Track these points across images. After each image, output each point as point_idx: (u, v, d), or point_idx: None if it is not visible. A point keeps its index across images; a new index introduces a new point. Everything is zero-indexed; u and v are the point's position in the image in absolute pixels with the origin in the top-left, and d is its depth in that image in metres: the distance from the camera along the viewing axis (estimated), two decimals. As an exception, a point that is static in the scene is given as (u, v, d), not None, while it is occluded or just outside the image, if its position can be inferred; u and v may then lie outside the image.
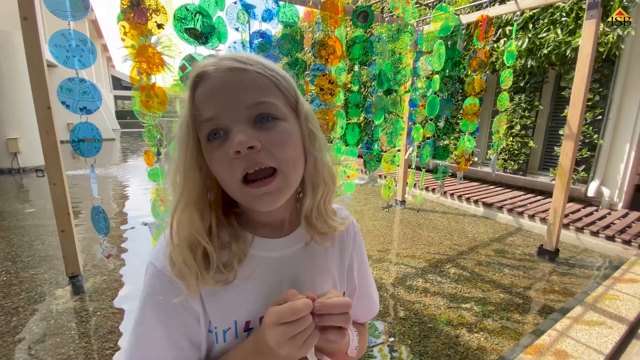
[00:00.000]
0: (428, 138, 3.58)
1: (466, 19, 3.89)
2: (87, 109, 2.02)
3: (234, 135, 0.44)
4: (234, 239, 0.51)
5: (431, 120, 3.44)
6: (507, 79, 3.35)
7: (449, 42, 3.21)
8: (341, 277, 0.63)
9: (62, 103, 1.96)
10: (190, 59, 2.16)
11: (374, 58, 3.07)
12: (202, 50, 2.22)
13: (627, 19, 4.06)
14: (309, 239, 0.57)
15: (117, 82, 30.85)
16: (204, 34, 2.12)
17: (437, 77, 3.32)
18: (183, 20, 2.06)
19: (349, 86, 7.12)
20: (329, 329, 0.45)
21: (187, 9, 2.04)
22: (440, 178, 3.73)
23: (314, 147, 0.53)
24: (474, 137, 3.59)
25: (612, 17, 4.12)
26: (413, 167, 3.75)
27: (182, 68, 2.15)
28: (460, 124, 3.51)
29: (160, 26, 1.95)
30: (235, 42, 2.37)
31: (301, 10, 3.21)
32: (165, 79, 2.16)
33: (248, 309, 0.52)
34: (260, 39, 2.41)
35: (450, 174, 3.80)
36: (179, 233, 0.48)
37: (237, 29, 2.29)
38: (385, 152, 3.43)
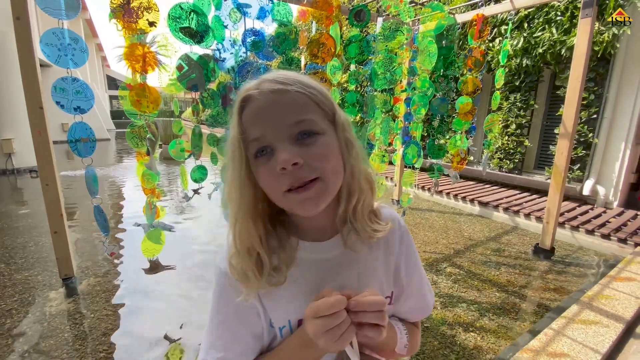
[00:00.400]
0: (422, 137, 3.56)
1: (461, 18, 3.89)
2: (81, 109, 2.00)
3: (279, 154, 0.49)
4: (282, 244, 0.58)
5: (427, 120, 3.43)
6: (500, 78, 3.35)
7: (443, 42, 3.20)
8: (387, 278, 0.65)
9: (56, 103, 1.93)
10: (187, 58, 2.14)
11: (370, 57, 3.06)
12: (198, 49, 2.20)
13: (627, 19, 4.06)
14: (353, 244, 0.61)
15: (112, 82, 30.65)
16: (199, 33, 2.10)
17: (425, 75, 3.31)
18: (178, 19, 2.04)
19: (345, 85, 7.11)
20: (365, 326, 0.48)
21: (182, 8, 2.02)
22: (435, 176, 3.73)
23: (350, 156, 0.56)
24: (470, 136, 3.59)
25: (612, 17, 4.13)
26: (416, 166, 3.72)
27: (179, 68, 2.13)
28: (452, 122, 3.50)
29: (152, 24, 1.93)
30: (224, 40, 2.35)
31: (295, 9, 3.20)
32: (161, 79, 2.14)
33: (299, 308, 0.56)
34: (254, 37, 2.38)
35: (445, 172, 3.79)
36: (238, 242, 0.55)
37: (225, 26, 2.26)
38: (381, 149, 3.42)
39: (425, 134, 4.08)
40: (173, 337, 2.19)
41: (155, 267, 2.30)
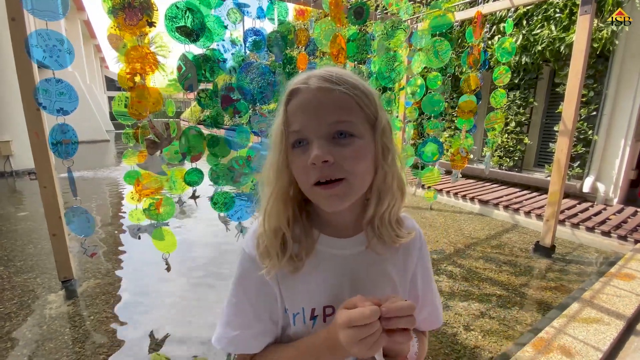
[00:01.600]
0: (429, 135, 3.55)
1: (459, 16, 3.88)
2: (64, 110, 1.98)
3: (313, 149, 0.51)
4: (304, 233, 0.60)
5: (434, 117, 3.42)
6: (502, 75, 3.34)
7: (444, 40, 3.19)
8: (402, 285, 0.67)
9: (39, 104, 1.92)
10: (184, 58, 2.12)
11: (369, 56, 3.05)
12: (194, 49, 2.18)
13: (627, 19, 4.06)
14: (375, 246, 0.63)
15: (111, 83, 30.59)
16: (194, 31, 2.09)
17: (434, 74, 3.31)
18: (174, 19, 2.03)
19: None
20: (396, 332, 0.49)
21: (177, 7, 2.01)
22: (419, 175, 3.73)
23: (385, 161, 0.58)
24: (471, 134, 3.58)
25: (612, 17, 4.12)
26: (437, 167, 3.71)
27: (179, 68, 2.13)
28: (456, 121, 3.50)
29: (151, 24, 1.91)
30: (223, 40, 2.34)
31: (292, 7, 3.18)
32: (155, 79, 2.12)
33: (313, 298, 0.60)
34: (254, 37, 2.37)
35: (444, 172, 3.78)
36: (268, 221, 0.58)
37: (226, 27, 2.25)
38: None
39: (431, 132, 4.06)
40: (157, 338, 2.19)
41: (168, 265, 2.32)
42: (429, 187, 3.94)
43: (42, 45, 1.85)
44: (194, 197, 2.54)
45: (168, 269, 2.38)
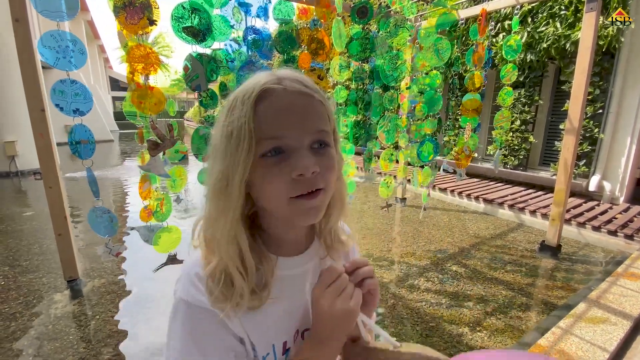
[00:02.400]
0: (431, 135, 3.53)
1: (464, 13, 3.85)
2: (80, 111, 1.99)
3: (301, 159, 0.46)
4: (262, 260, 0.53)
5: (433, 116, 3.40)
6: (509, 73, 3.31)
7: (446, 38, 3.17)
8: None
9: (55, 106, 1.93)
10: (191, 58, 2.12)
11: (372, 55, 3.03)
12: (199, 49, 2.18)
13: (626, 19, 4.03)
14: (323, 253, 0.61)
15: (115, 83, 30.74)
16: (201, 31, 2.09)
17: (434, 73, 3.28)
18: (180, 19, 2.02)
19: (347, 83, 7.07)
20: (364, 282, 0.53)
21: (184, 7, 2.00)
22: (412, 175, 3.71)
23: (340, 171, 0.56)
24: (476, 133, 3.55)
25: (612, 17, 4.09)
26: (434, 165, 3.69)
27: (185, 69, 2.12)
28: (460, 119, 3.47)
29: (152, 22, 1.91)
30: (232, 41, 2.34)
31: (295, 6, 3.17)
32: (157, 79, 2.13)
33: (282, 328, 0.55)
34: (254, 36, 2.37)
35: (449, 169, 3.76)
36: (222, 252, 0.49)
37: (232, 26, 2.25)
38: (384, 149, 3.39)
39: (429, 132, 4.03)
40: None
41: (170, 261, 2.32)
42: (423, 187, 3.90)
43: (54, 47, 1.86)
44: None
45: (177, 260, 2.38)
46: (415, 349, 0.50)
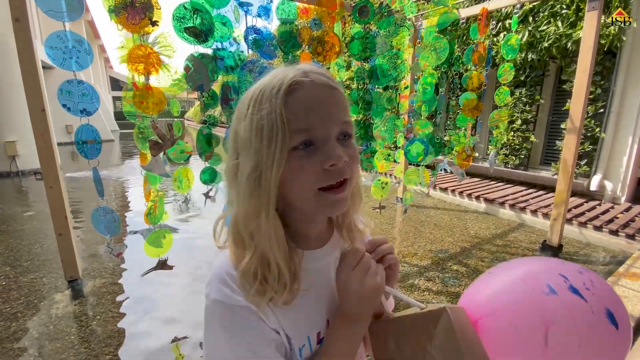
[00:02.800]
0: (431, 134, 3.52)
1: (465, 12, 3.84)
2: (87, 111, 1.99)
3: (332, 149, 0.47)
4: (291, 254, 0.53)
5: (430, 116, 3.40)
6: (506, 72, 3.30)
7: (446, 38, 3.16)
8: None
9: (63, 106, 1.93)
10: (193, 58, 2.11)
11: (373, 54, 3.02)
12: (201, 49, 2.17)
13: (627, 19, 4.03)
14: (343, 244, 0.63)
15: (116, 83, 30.74)
16: (203, 32, 2.08)
17: (429, 71, 3.27)
18: (182, 20, 2.02)
19: (347, 83, 7.07)
20: (384, 258, 0.55)
21: (185, 8, 2.00)
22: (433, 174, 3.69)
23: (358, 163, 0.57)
24: (477, 133, 3.54)
25: (613, 17, 4.09)
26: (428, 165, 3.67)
27: (187, 69, 2.11)
28: (457, 118, 3.46)
29: (154, 23, 1.91)
30: (229, 38, 2.32)
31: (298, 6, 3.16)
32: (159, 80, 2.12)
33: (315, 320, 0.57)
34: (255, 35, 2.36)
35: (449, 171, 3.75)
36: (260, 249, 0.50)
37: (224, 24, 2.24)
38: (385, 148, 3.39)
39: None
40: (178, 338, 2.19)
41: (160, 266, 2.30)
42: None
43: (61, 48, 1.85)
44: (207, 195, 2.53)
45: (167, 266, 2.37)
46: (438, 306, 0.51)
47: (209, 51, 2.21)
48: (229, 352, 0.49)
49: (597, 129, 4.76)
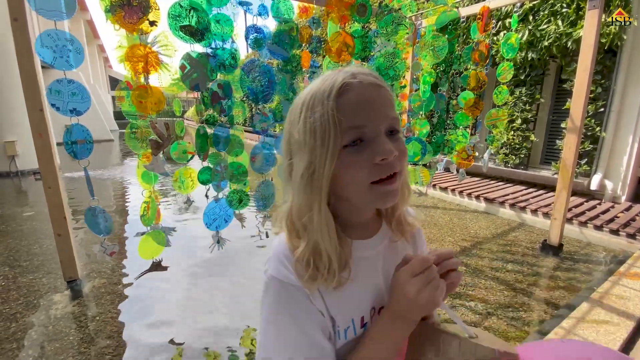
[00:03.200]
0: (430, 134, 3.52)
1: (465, 11, 3.82)
2: (77, 111, 1.97)
3: (382, 144, 0.50)
4: (341, 244, 0.57)
5: (431, 116, 3.39)
6: (505, 72, 3.29)
7: (447, 36, 3.15)
8: None
9: (52, 105, 1.91)
10: (189, 57, 2.10)
11: (372, 53, 3.01)
12: (198, 48, 2.16)
13: (626, 19, 4.02)
14: (392, 236, 0.65)
15: (115, 83, 30.64)
16: (199, 31, 2.07)
17: (427, 71, 3.27)
18: (177, 18, 2.00)
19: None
20: (448, 274, 0.53)
21: (181, 6, 1.98)
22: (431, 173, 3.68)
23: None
24: (477, 132, 3.53)
25: (612, 17, 4.08)
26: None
27: (182, 68, 2.10)
28: (455, 118, 3.45)
29: (152, 23, 1.89)
30: (228, 37, 2.31)
31: (295, 5, 3.15)
32: (160, 79, 2.11)
33: (360, 305, 0.59)
34: (256, 34, 2.35)
35: (452, 171, 3.74)
36: (312, 239, 0.54)
37: (218, 22, 2.22)
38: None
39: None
40: (177, 342, 2.18)
41: (154, 267, 2.29)
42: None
43: (51, 46, 1.84)
44: (207, 196, 2.53)
45: (161, 267, 2.36)
46: (488, 341, 0.51)
47: (207, 50, 2.20)
48: (275, 324, 0.54)
49: (598, 128, 4.75)
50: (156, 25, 1.95)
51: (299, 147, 0.54)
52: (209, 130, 2.35)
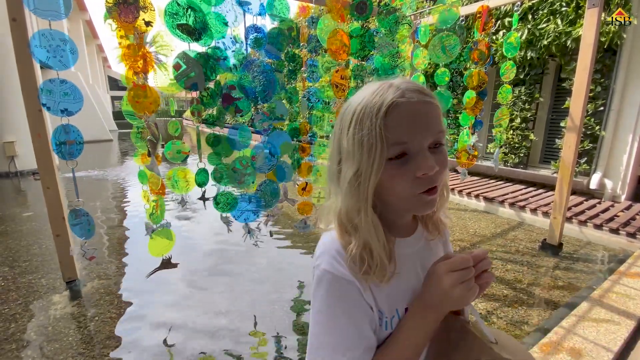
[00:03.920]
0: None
1: (465, 10, 3.82)
2: (68, 111, 1.96)
3: (424, 160, 0.54)
4: (387, 241, 0.61)
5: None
6: (508, 71, 3.28)
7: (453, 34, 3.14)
8: None
9: (43, 105, 1.90)
10: (184, 56, 2.09)
11: (372, 52, 3.01)
12: (196, 47, 2.15)
13: (626, 19, 4.02)
14: (427, 235, 0.70)
15: (114, 83, 30.68)
16: (196, 30, 2.06)
17: (441, 70, 3.26)
18: (175, 16, 1.99)
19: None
20: (481, 274, 0.55)
21: (179, 4, 1.98)
22: None
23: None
24: (477, 131, 3.53)
25: (612, 17, 4.08)
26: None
27: (177, 66, 2.09)
28: (460, 118, 3.45)
29: (148, 24, 1.89)
30: (224, 37, 2.31)
31: (295, 4, 3.14)
32: (156, 79, 2.10)
33: (404, 297, 0.63)
34: (256, 34, 2.34)
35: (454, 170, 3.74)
36: (362, 238, 0.58)
37: (226, 24, 2.22)
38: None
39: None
40: (169, 343, 2.18)
41: (164, 265, 2.29)
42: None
43: (45, 46, 1.83)
44: (203, 198, 2.51)
45: (171, 264, 2.35)
46: (508, 349, 0.53)
47: (204, 49, 2.19)
48: (326, 315, 0.58)
49: (597, 127, 4.75)
50: (152, 26, 1.94)
51: (347, 155, 0.58)
52: (205, 130, 2.35)
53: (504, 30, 5.52)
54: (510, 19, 5.40)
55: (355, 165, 0.57)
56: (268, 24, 2.47)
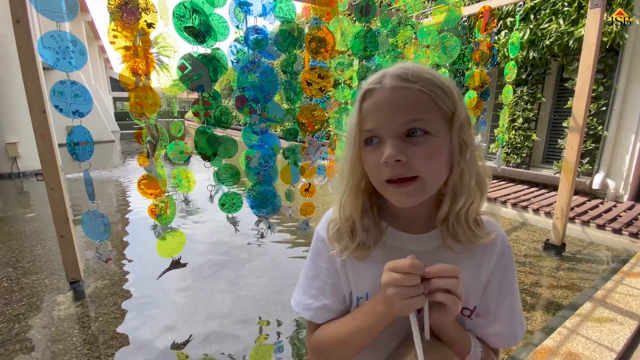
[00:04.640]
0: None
1: (467, 10, 3.81)
2: (80, 112, 1.98)
3: (386, 148, 0.53)
4: (373, 224, 0.64)
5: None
6: (510, 71, 3.28)
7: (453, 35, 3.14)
8: (474, 289, 0.64)
9: (55, 107, 1.91)
10: (190, 58, 2.10)
11: (374, 53, 3.01)
12: (200, 49, 2.16)
13: (627, 19, 4.01)
14: (448, 244, 0.61)
15: (116, 84, 30.72)
16: (201, 33, 2.07)
17: (443, 70, 3.26)
18: (182, 18, 2.00)
19: (348, 82, 7.03)
20: (437, 292, 0.50)
21: (185, 6, 1.98)
22: None
23: (462, 158, 0.57)
24: (479, 132, 3.53)
25: (613, 17, 4.07)
26: None
27: (182, 68, 2.09)
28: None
29: (150, 25, 1.89)
30: (236, 42, 2.32)
31: (299, 5, 3.14)
32: (160, 80, 2.11)
33: (377, 284, 0.57)
34: (256, 35, 2.35)
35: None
36: (342, 210, 0.64)
37: (237, 27, 2.24)
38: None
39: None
40: (173, 343, 2.18)
41: (173, 265, 2.29)
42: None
43: (54, 47, 1.84)
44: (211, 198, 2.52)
45: (180, 264, 2.35)
46: None
47: (209, 51, 2.20)
48: (307, 268, 0.70)
49: (600, 127, 4.74)
50: (154, 28, 1.95)
51: (345, 139, 0.63)
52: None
53: (506, 31, 5.52)
54: (512, 19, 5.39)
55: (346, 147, 0.62)
56: (268, 24, 2.47)
